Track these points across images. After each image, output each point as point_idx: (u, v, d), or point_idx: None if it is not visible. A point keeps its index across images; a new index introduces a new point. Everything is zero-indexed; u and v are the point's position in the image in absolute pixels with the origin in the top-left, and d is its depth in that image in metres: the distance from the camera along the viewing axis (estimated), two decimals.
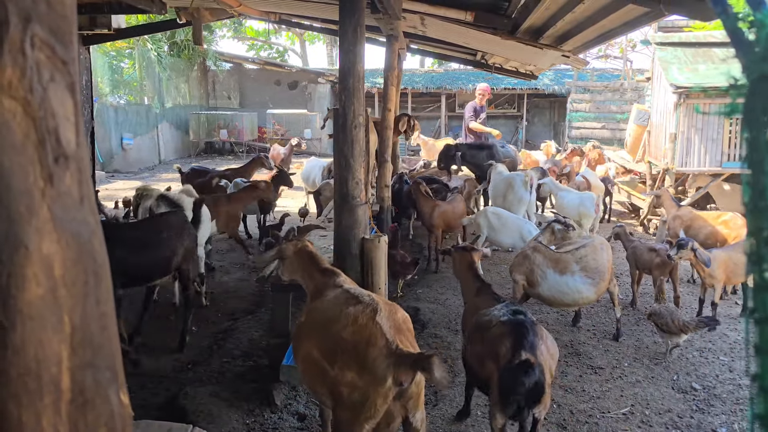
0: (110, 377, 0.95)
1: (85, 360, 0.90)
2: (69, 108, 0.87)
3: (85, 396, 0.90)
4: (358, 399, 2.86)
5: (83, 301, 0.89)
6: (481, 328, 3.72)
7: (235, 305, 6.64)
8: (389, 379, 2.80)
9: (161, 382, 4.86)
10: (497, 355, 3.42)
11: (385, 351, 2.82)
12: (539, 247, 5.67)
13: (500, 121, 26.43)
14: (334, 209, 4.89)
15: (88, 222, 0.91)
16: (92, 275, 0.91)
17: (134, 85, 20.11)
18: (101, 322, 0.93)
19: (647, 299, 7.10)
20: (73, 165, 0.87)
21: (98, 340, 0.92)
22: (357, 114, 4.57)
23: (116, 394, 0.97)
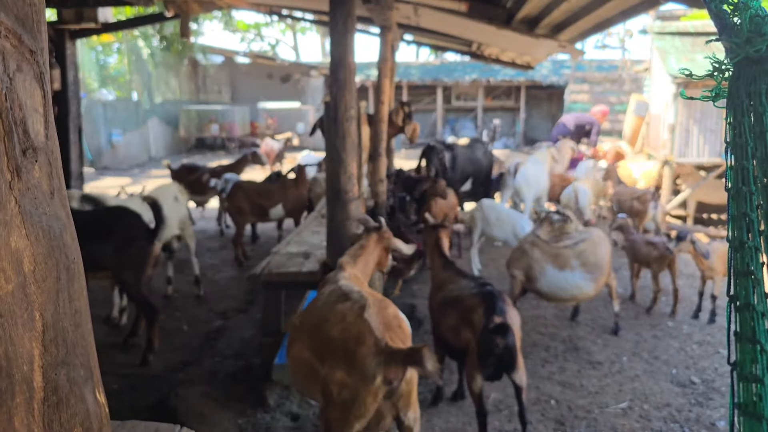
0: (85, 375, 0.93)
1: (59, 358, 0.88)
2: (38, 99, 0.85)
3: (59, 395, 0.88)
4: (348, 398, 2.80)
5: (55, 297, 0.87)
6: (454, 302, 4.01)
7: (227, 304, 6.53)
8: (378, 377, 2.74)
9: (152, 382, 4.76)
10: (472, 322, 3.76)
11: (374, 349, 2.75)
12: (537, 242, 5.57)
13: (498, 114, 26.34)
14: (326, 204, 4.77)
15: (60, 216, 0.88)
16: (64, 271, 0.88)
17: (122, 80, 19.91)
18: (74, 319, 0.91)
19: (647, 292, 7.03)
20: (42, 157, 0.84)
21: (72, 338, 0.90)
22: (348, 107, 4.45)
23: (92, 393, 0.95)
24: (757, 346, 0.76)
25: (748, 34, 0.82)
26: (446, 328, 4.05)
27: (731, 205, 0.86)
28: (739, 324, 0.82)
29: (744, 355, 0.80)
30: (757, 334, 0.77)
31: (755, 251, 0.79)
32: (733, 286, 0.84)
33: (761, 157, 0.79)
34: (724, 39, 0.88)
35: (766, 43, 0.79)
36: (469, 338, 3.77)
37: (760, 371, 0.77)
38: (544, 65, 23.73)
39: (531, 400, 4.59)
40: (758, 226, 0.80)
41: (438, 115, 25.36)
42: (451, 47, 11.72)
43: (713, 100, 0.90)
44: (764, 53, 0.80)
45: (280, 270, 4.59)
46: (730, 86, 0.87)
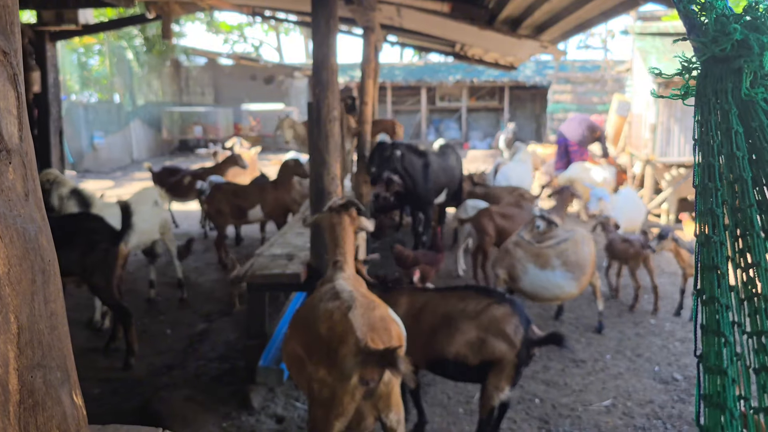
0: (62, 377, 0.93)
1: (34, 360, 0.87)
2: (11, 101, 0.84)
3: (35, 397, 0.87)
4: (327, 396, 2.83)
5: (30, 300, 0.86)
6: (472, 315, 3.75)
7: (210, 307, 6.49)
8: (354, 377, 2.76)
9: (135, 386, 4.71)
10: (506, 334, 3.60)
11: (353, 349, 2.77)
12: (520, 241, 5.60)
13: (481, 114, 26.46)
14: (310, 206, 4.76)
15: (34, 219, 0.87)
16: (39, 273, 0.87)
17: (104, 83, 19.72)
18: (50, 321, 0.90)
19: (630, 291, 7.08)
20: (16, 159, 0.83)
21: (48, 340, 0.89)
22: (331, 108, 4.45)
23: (69, 395, 0.94)
24: (721, 339, 0.77)
25: (714, 34, 0.83)
26: (458, 344, 3.73)
27: (698, 201, 0.87)
28: (705, 317, 0.83)
29: (709, 347, 0.81)
30: (721, 327, 0.78)
31: (720, 246, 0.80)
32: (700, 281, 0.86)
33: (727, 154, 0.80)
34: (692, 38, 0.89)
35: (731, 42, 0.80)
36: (504, 350, 3.61)
37: (724, 363, 0.78)
38: (527, 66, 23.84)
39: (515, 398, 4.61)
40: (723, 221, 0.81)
41: (422, 116, 25.40)
42: (434, 48, 11.75)
43: (682, 99, 0.91)
44: (729, 52, 0.81)
45: (263, 272, 4.58)
46: (697, 85, 0.89)
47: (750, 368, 0.83)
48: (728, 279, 0.82)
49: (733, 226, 0.80)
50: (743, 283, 0.82)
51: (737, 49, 0.80)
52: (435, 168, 7.79)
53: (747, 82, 0.80)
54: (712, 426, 0.79)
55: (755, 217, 0.76)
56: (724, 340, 0.78)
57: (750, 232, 0.76)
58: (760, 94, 0.80)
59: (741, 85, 0.80)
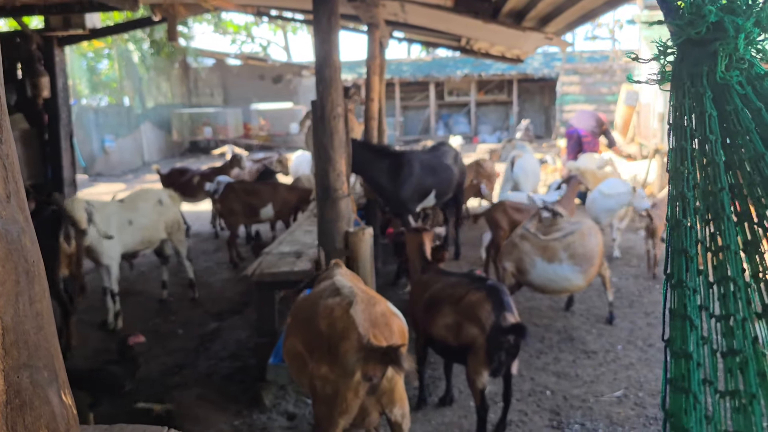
0: (49, 377, 0.93)
1: (21, 361, 0.87)
2: None
3: (22, 397, 0.87)
4: (330, 393, 2.85)
5: (15, 300, 0.86)
6: (449, 299, 3.95)
7: (221, 306, 6.53)
8: (357, 373, 2.78)
9: (148, 386, 4.76)
10: (478, 318, 3.72)
11: (355, 345, 2.78)
12: (527, 234, 5.58)
13: (490, 108, 26.37)
14: (316, 203, 4.78)
15: (17, 220, 0.87)
16: (23, 274, 0.87)
17: (113, 86, 19.85)
18: (36, 321, 0.90)
19: (641, 281, 7.06)
20: None
21: (34, 340, 0.90)
22: (335, 105, 4.45)
23: (57, 394, 0.94)
24: (686, 322, 0.77)
25: (689, 17, 0.82)
26: (440, 327, 3.98)
27: (671, 184, 0.86)
28: (673, 301, 0.83)
29: (675, 331, 0.81)
30: (688, 311, 0.78)
31: (689, 230, 0.80)
32: (669, 265, 0.85)
33: (700, 138, 0.80)
34: (668, 22, 0.88)
35: (707, 24, 0.79)
36: (475, 335, 3.72)
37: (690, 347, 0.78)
38: (535, 58, 23.72)
39: (526, 391, 4.61)
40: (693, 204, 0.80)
41: (431, 111, 25.36)
42: (440, 43, 11.71)
43: (658, 83, 0.91)
44: (705, 35, 0.81)
45: (271, 270, 4.60)
46: (673, 68, 0.89)
47: (717, 352, 0.83)
48: (696, 263, 0.82)
49: (704, 209, 0.79)
50: (713, 266, 0.82)
51: (712, 32, 0.79)
52: (414, 169, 7.10)
53: (722, 66, 0.79)
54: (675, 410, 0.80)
55: (726, 201, 0.76)
56: (690, 323, 0.78)
57: (721, 215, 0.76)
58: (735, 77, 0.79)
59: (716, 69, 0.79)
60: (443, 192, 7.69)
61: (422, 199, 7.43)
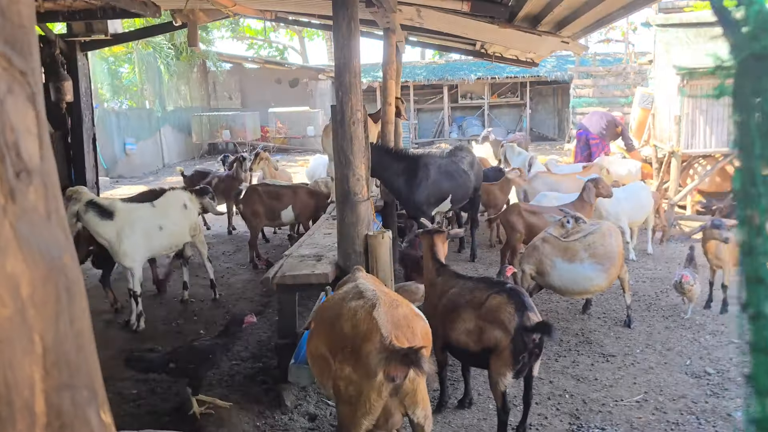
0: (89, 397, 0.90)
1: (61, 381, 0.85)
2: (30, 120, 0.82)
3: (62, 419, 0.84)
4: (353, 394, 2.89)
5: (55, 320, 0.84)
6: (470, 304, 3.97)
7: (242, 307, 6.61)
8: (380, 374, 2.81)
9: (170, 387, 4.84)
10: (501, 321, 3.74)
11: (378, 346, 2.82)
12: (548, 237, 5.61)
13: (503, 110, 26.37)
14: (336, 207, 4.84)
15: (57, 238, 0.86)
16: (64, 292, 0.86)
17: (134, 90, 20.09)
18: (77, 341, 0.88)
19: (657, 284, 7.05)
20: (37, 180, 0.82)
21: (74, 360, 0.88)
22: (355, 110, 4.51)
23: (96, 414, 0.92)
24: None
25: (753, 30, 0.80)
26: (461, 332, 3.99)
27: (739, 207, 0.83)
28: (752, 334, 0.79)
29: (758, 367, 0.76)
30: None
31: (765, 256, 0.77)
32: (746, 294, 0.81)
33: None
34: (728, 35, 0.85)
35: None
36: (499, 337, 3.75)
37: None
38: (548, 61, 23.69)
39: (545, 394, 4.64)
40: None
41: (445, 114, 25.40)
42: (455, 47, 11.76)
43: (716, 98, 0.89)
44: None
45: (293, 273, 4.67)
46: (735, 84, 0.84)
47: None
48: None
49: None
50: None
51: None
52: (431, 173, 7.27)
53: None
54: None
55: None
56: None
57: None
58: None
59: None
60: (459, 197, 7.77)
61: (438, 203, 7.51)
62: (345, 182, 4.57)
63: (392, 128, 7.78)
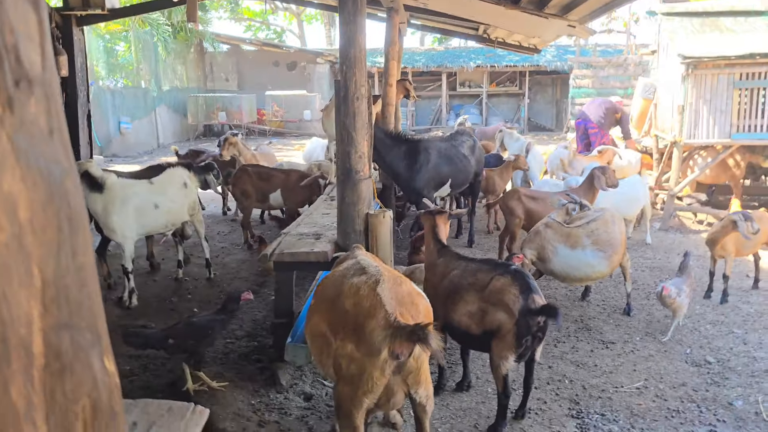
0: (92, 340, 0.82)
1: (61, 319, 0.76)
2: (32, 25, 0.74)
3: (62, 361, 0.77)
4: (356, 372, 2.81)
5: (56, 250, 0.76)
6: (473, 286, 3.90)
7: (237, 286, 6.52)
8: (384, 351, 2.73)
9: (164, 363, 4.76)
10: (506, 303, 3.67)
11: (382, 323, 2.74)
12: (551, 223, 5.54)
13: (502, 99, 26.28)
14: (336, 185, 4.75)
15: (60, 160, 0.77)
16: (66, 221, 0.77)
17: (130, 68, 19.87)
18: (79, 276, 0.80)
19: (657, 273, 7.01)
20: (38, 91, 0.73)
21: (76, 297, 0.79)
22: (359, 85, 4.42)
23: (100, 360, 0.84)
24: None
25: None
26: (463, 315, 3.91)
27: None
28: None
29: None
30: None
31: None
32: None
33: None
34: None
35: None
36: (503, 320, 3.68)
37: None
38: (548, 50, 23.61)
39: (544, 379, 4.58)
40: None
41: (443, 102, 25.28)
42: (458, 31, 11.62)
43: None
44: None
45: (291, 250, 4.58)
46: None
47: None
48: None
49: None
50: None
51: None
52: (432, 157, 7.14)
53: None
54: None
55: None
56: None
57: None
58: None
59: None
60: (460, 182, 7.69)
61: (438, 188, 7.42)
62: (346, 159, 4.48)
63: (393, 110, 7.67)
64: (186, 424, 1.98)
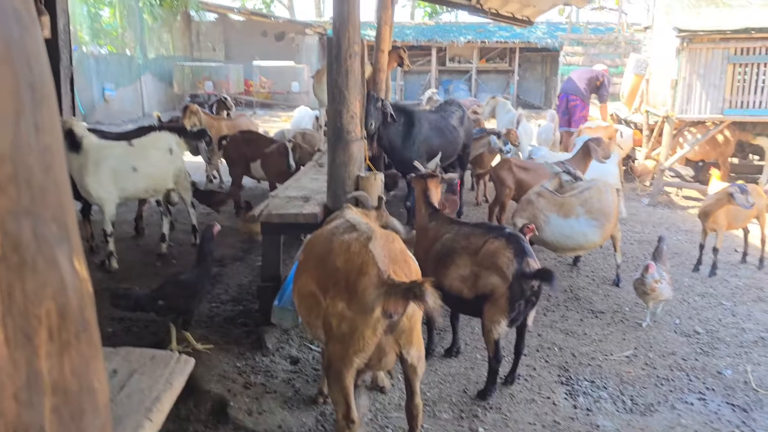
0: (59, 234, 0.70)
1: (21, 204, 0.65)
2: None
3: (21, 254, 0.65)
4: (347, 330, 2.72)
5: (14, 121, 0.64)
6: (466, 249, 3.82)
7: (223, 252, 6.39)
8: (377, 309, 2.65)
9: (147, 326, 4.67)
10: (500, 267, 3.60)
11: (375, 280, 2.65)
12: (543, 192, 5.48)
13: (491, 76, 26.11)
14: (327, 146, 4.63)
15: (19, 13, 0.64)
16: (27, 89, 0.65)
17: (114, 34, 19.43)
18: (44, 158, 0.68)
19: (647, 247, 6.99)
20: None
21: (40, 182, 0.67)
22: (352, 42, 4.28)
23: (68, 260, 0.72)
24: None
25: None
26: (454, 278, 3.82)
27: None
28: None
29: None
30: None
31: None
32: None
33: None
34: None
35: None
36: (496, 283, 3.61)
37: None
38: (539, 27, 23.42)
39: (533, 346, 4.54)
40: None
41: (432, 77, 25.05)
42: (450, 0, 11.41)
43: None
44: None
45: (279, 212, 4.47)
46: None
47: None
48: None
49: None
50: None
51: None
52: (424, 129, 6.88)
53: None
54: None
55: None
56: None
57: None
58: None
59: None
60: (449, 154, 7.42)
61: (429, 160, 7.18)
62: (338, 119, 4.36)
63: (384, 77, 7.52)
64: (170, 373, 1.88)
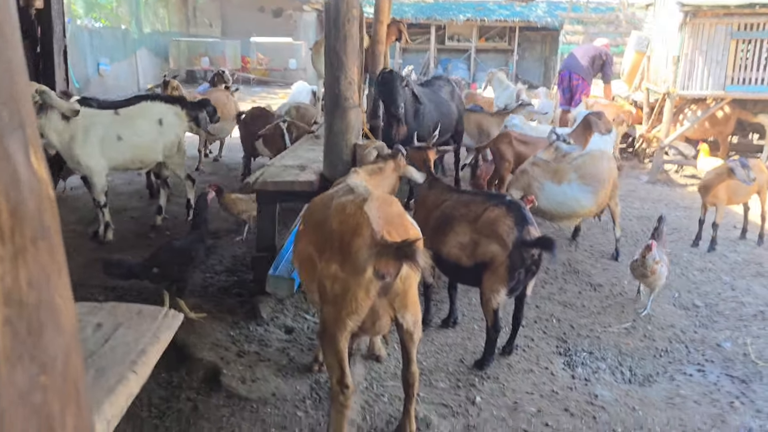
0: (10, 122, 0.62)
1: None
2: None
3: None
4: (339, 292, 2.67)
5: None
6: (465, 217, 3.77)
7: (218, 225, 6.31)
8: (369, 269, 2.59)
9: (140, 294, 4.61)
10: (500, 235, 3.54)
11: (368, 240, 2.58)
12: (538, 161, 5.42)
13: (490, 55, 25.85)
14: (324, 113, 4.54)
15: None
16: None
17: (109, 8, 19.18)
18: None
19: (646, 222, 6.93)
20: None
21: None
22: (350, 6, 4.17)
23: (23, 153, 0.63)
24: None
25: None
26: (453, 246, 3.76)
27: None
28: None
29: None
30: None
31: None
32: None
33: None
34: None
35: None
36: (496, 251, 3.55)
37: None
38: (539, 6, 23.18)
39: (531, 318, 4.50)
40: None
41: (431, 55, 24.82)
42: None
43: None
44: None
45: (274, 179, 4.39)
46: None
47: None
48: None
49: None
50: None
51: None
52: (427, 104, 6.66)
53: None
54: None
55: None
56: None
57: None
58: None
59: None
60: (445, 129, 7.27)
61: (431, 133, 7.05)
62: (335, 86, 4.26)
63: (383, 49, 7.38)
64: (157, 327, 1.82)
